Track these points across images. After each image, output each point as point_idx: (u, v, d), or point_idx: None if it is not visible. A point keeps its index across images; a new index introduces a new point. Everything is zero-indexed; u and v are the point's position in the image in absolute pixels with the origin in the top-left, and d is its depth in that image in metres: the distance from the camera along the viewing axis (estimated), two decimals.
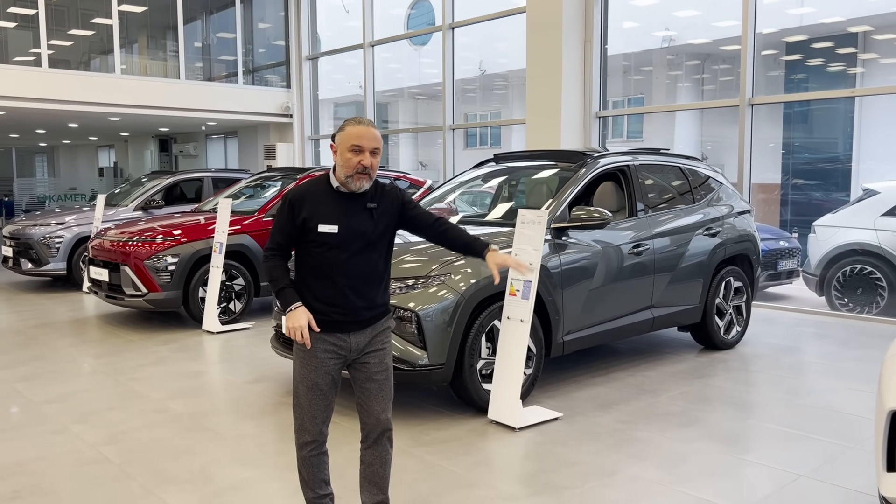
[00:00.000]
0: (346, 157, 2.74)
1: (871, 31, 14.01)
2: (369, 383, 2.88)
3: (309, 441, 2.87)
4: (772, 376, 5.50)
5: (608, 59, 12.35)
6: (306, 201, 2.77)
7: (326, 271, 2.78)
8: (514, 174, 6.58)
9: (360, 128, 2.75)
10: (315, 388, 2.83)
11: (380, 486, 2.95)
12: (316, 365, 2.81)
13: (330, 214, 2.77)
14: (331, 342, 2.81)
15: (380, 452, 2.92)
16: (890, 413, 2.51)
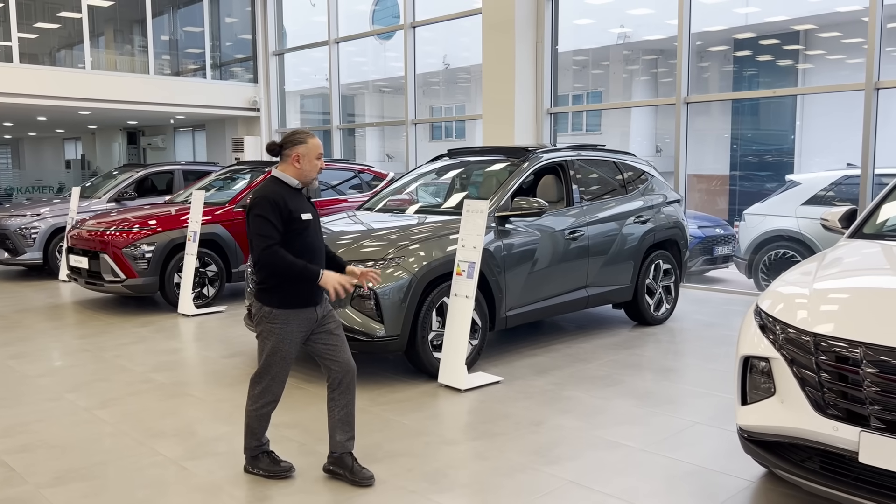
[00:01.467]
0: (314, 164, 3.51)
1: (813, 29, 14.85)
2: (332, 337, 3.54)
3: (271, 401, 3.58)
4: (693, 347, 6.22)
5: (567, 56, 12.97)
6: (283, 197, 3.39)
7: (307, 253, 3.43)
8: (467, 167, 7.20)
9: (317, 140, 3.54)
10: (287, 359, 3.49)
11: (351, 423, 3.60)
12: (291, 339, 3.46)
13: (301, 206, 3.45)
14: (305, 317, 3.47)
15: (350, 395, 3.58)
16: (742, 358, 3.19)
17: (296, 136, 3.51)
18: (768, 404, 3.02)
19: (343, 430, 3.59)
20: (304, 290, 3.44)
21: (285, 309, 3.42)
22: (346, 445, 3.61)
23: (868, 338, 2.70)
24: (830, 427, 2.74)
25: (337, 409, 3.58)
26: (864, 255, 3.55)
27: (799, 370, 2.88)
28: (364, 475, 3.57)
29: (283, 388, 3.59)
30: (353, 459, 3.61)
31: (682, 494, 3.45)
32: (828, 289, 3.14)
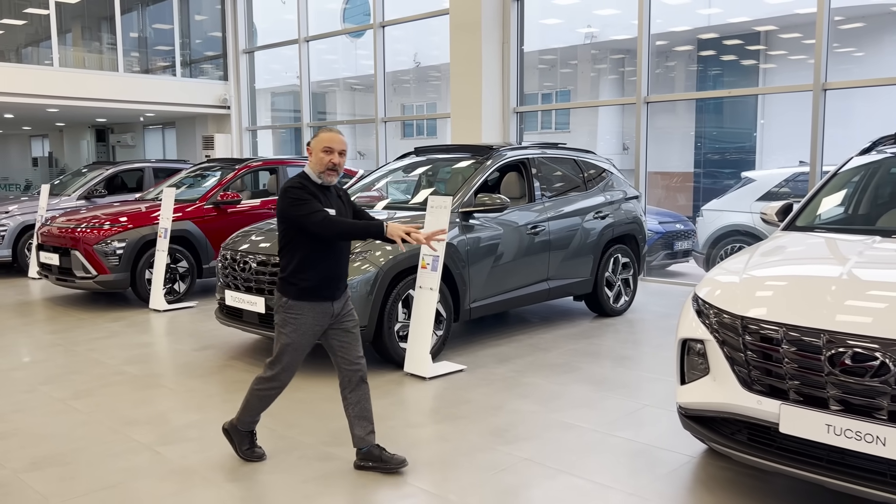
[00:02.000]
0: (320, 157, 3.47)
1: (774, 30, 15.29)
2: (348, 336, 3.62)
3: (277, 387, 3.66)
4: (649, 336, 6.51)
5: (535, 55, 13.21)
6: (309, 189, 3.44)
7: (326, 249, 3.47)
8: (434, 165, 7.42)
9: (331, 134, 3.52)
10: (300, 350, 3.55)
11: (369, 418, 3.68)
12: (306, 331, 3.50)
13: (327, 202, 3.48)
14: (321, 311, 3.52)
15: (364, 391, 3.66)
16: (680, 341, 3.45)
17: (317, 131, 3.58)
18: (703, 383, 3.28)
19: (361, 425, 3.66)
20: (323, 285, 3.47)
21: (302, 301, 3.48)
22: (368, 440, 3.67)
23: (787, 319, 2.96)
24: (755, 401, 3.00)
25: (351, 406, 3.67)
26: (793, 246, 3.83)
27: (729, 351, 3.14)
28: (396, 460, 3.64)
29: (292, 377, 3.66)
30: (381, 449, 3.66)
31: (627, 469, 3.70)
32: (757, 276, 3.41)
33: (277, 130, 17.55)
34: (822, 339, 2.84)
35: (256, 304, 5.53)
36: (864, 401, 2.74)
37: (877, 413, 2.71)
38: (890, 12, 13.89)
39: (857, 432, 2.72)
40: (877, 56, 14.39)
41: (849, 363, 2.76)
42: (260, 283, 5.56)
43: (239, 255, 5.79)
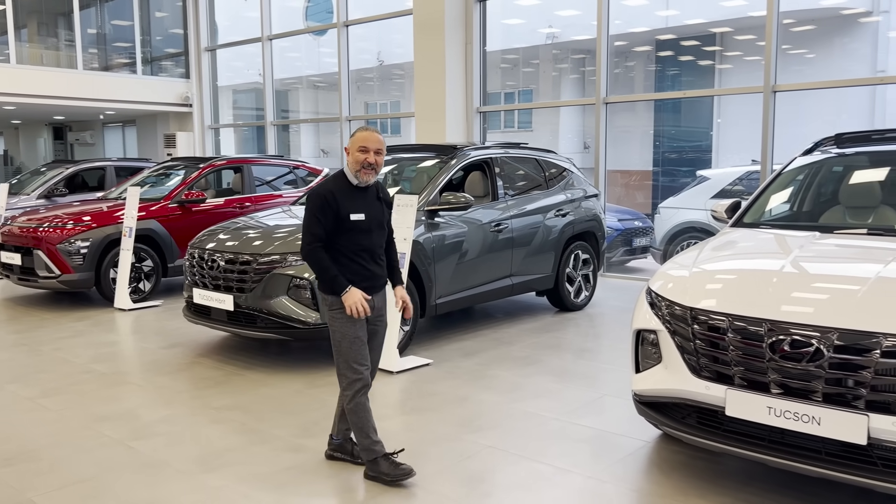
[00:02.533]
0: (357, 156, 3.47)
1: (730, 31, 15.71)
2: (374, 339, 3.68)
3: (361, 386, 3.51)
4: (608, 330, 6.74)
5: (497, 55, 13.35)
6: (336, 196, 3.44)
7: (357, 255, 3.49)
8: (399, 164, 7.55)
9: (366, 133, 3.50)
10: (357, 340, 3.50)
11: None
12: (356, 322, 3.47)
13: (354, 205, 3.47)
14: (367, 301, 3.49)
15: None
16: (635, 331, 3.65)
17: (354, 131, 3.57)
18: (656, 371, 3.48)
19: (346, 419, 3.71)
20: (361, 280, 3.50)
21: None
22: (346, 433, 3.79)
23: (732, 310, 3.18)
24: (703, 387, 3.21)
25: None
26: (740, 242, 4.07)
27: (680, 340, 3.35)
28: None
29: (367, 370, 3.55)
30: (353, 444, 3.76)
31: (586, 454, 3.89)
32: (705, 270, 3.63)
33: (240, 129, 17.48)
34: (764, 327, 3.06)
35: (225, 301, 5.61)
36: (801, 384, 2.96)
37: (812, 395, 2.93)
38: (839, 15, 14.41)
39: (795, 413, 2.94)
40: (827, 58, 14.90)
41: (788, 350, 2.98)
42: (228, 280, 5.64)
43: (207, 254, 5.86)
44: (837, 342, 2.89)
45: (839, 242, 3.87)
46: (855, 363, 2.85)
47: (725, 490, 3.45)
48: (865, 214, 4.26)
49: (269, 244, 5.66)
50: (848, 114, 13.95)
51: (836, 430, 2.86)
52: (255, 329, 5.57)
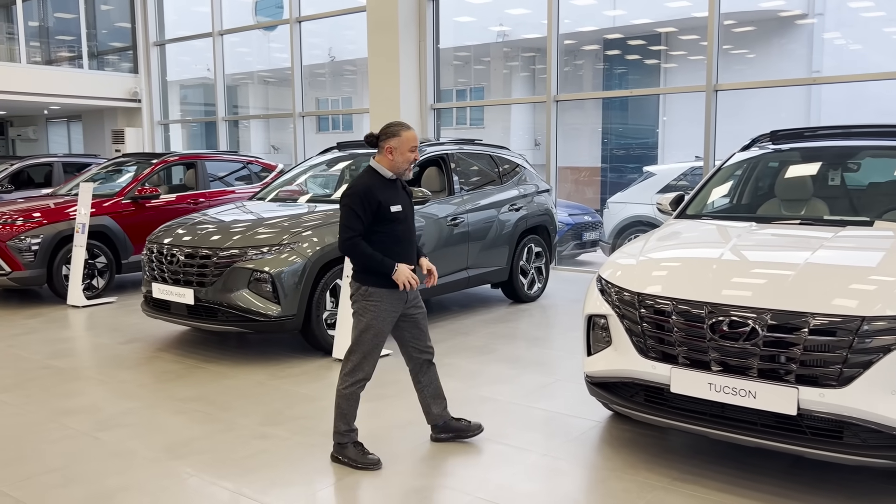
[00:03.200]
0: (407, 156, 3.63)
1: (675, 31, 16.18)
2: (417, 329, 3.83)
3: (361, 378, 3.70)
4: (560, 319, 6.99)
5: (450, 52, 13.49)
6: (374, 191, 3.57)
7: (397, 241, 3.64)
8: (356, 160, 7.66)
9: (412, 133, 3.66)
10: (381, 335, 3.66)
11: (443, 395, 3.97)
12: (385, 317, 3.63)
13: (392, 197, 3.63)
14: (397, 297, 3.67)
15: (434, 372, 3.93)
16: (587, 316, 3.87)
17: (391, 129, 3.65)
18: (606, 353, 3.71)
19: (438, 403, 3.94)
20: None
21: (382, 288, 3.61)
22: (445, 414, 3.97)
23: (676, 294, 3.42)
24: (650, 366, 3.44)
25: (426, 388, 3.93)
26: (683, 232, 4.33)
27: (628, 324, 3.57)
28: (473, 426, 3.99)
29: (374, 368, 3.72)
30: (457, 420, 4.00)
31: (542, 435, 4.10)
32: (652, 258, 3.87)
33: (188, 125, 17.28)
34: (705, 310, 3.30)
35: (185, 295, 5.65)
36: (738, 361, 3.21)
37: (748, 371, 3.19)
38: (777, 17, 15.00)
39: (733, 388, 3.19)
40: (766, 58, 15.49)
41: (726, 330, 3.23)
42: (188, 275, 5.69)
43: (166, 249, 5.89)
44: (771, 322, 3.14)
45: (774, 232, 4.15)
46: (786, 341, 3.11)
47: (672, 462, 3.70)
48: (798, 206, 4.57)
49: (228, 238, 5.73)
50: (787, 112, 14.50)
51: (770, 403, 3.12)
52: (216, 322, 5.64)
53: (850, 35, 14.83)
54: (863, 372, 2.99)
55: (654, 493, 3.39)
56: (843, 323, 3.04)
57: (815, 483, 3.44)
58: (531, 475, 3.62)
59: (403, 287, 3.60)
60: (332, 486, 3.53)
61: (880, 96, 12.52)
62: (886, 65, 13.36)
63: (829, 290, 3.21)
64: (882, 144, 4.83)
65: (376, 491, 3.49)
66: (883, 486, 3.40)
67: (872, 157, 4.86)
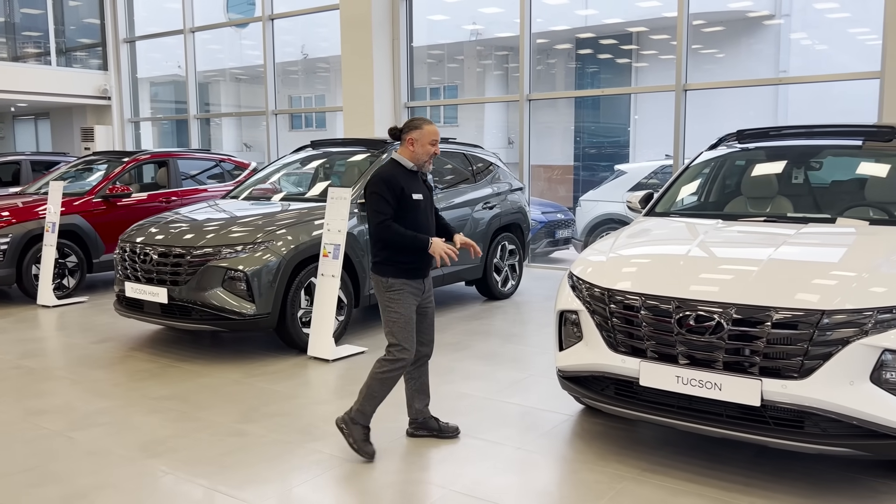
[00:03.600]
0: (427, 148, 3.77)
1: (645, 31, 16.37)
2: (425, 320, 3.94)
3: (401, 366, 3.76)
4: (534, 316, 7.08)
5: (423, 50, 13.49)
6: (398, 178, 3.70)
7: (418, 230, 3.73)
8: (329, 158, 7.68)
9: (433, 127, 3.80)
10: (410, 322, 3.77)
11: (427, 392, 4.07)
12: (409, 304, 3.76)
13: (414, 187, 3.76)
14: (415, 286, 3.79)
15: (425, 369, 4.03)
16: (558, 312, 3.95)
17: (413, 122, 3.81)
18: (578, 348, 3.79)
19: (420, 398, 4.03)
20: (415, 263, 3.76)
21: (401, 278, 3.74)
22: (425, 412, 4.05)
23: (644, 290, 3.51)
24: (620, 360, 3.52)
25: (413, 380, 4.01)
26: (652, 230, 4.43)
27: (599, 319, 3.66)
28: (450, 428, 4.04)
29: (412, 355, 3.80)
30: (436, 420, 4.06)
31: (515, 429, 4.18)
32: (621, 255, 3.96)
33: (159, 122, 17.10)
34: (672, 305, 3.40)
35: (159, 294, 5.64)
36: (704, 355, 3.31)
37: (714, 364, 3.29)
38: (745, 18, 15.25)
39: (700, 381, 3.29)
40: (735, 57, 15.74)
41: (693, 324, 3.32)
42: (162, 274, 5.67)
43: (139, 247, 5.87)
44: (735, 316, 3.24)
45: (740, 229, 4.27)
46: (750, 334, 3.22)
47: (641, 454, 3.79)
48: (764, 204, 4.69)
49: (202, 237, 5.72)
50: (755, 110, 14.74)
51: (735, 394, 3.22)
52: (190, 321, 5.63)
53: (815, 36, 15.12)
54: (823, 364, 3.10)
55: (624, 483, 3.48)
56: (804, 316, 3.15)
57: (779, 472, 3.55)
58: (505, 469, 3.69)
59: (442, 259, 3.69)
60: (308, 482, 3.57)
61: (845, 96, 12.79)
62: (851, 65, 13.65)
63: (791, 285, 3.32)
64: (843, 144, 4.98)
65: (352, 486, 3.53)
66: (843, 474, 3.53)
67: (834, 157, 5.01)
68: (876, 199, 4.42)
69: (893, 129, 4.71)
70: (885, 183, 4.54)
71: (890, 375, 3.09)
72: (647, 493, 3.38)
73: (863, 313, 3.12)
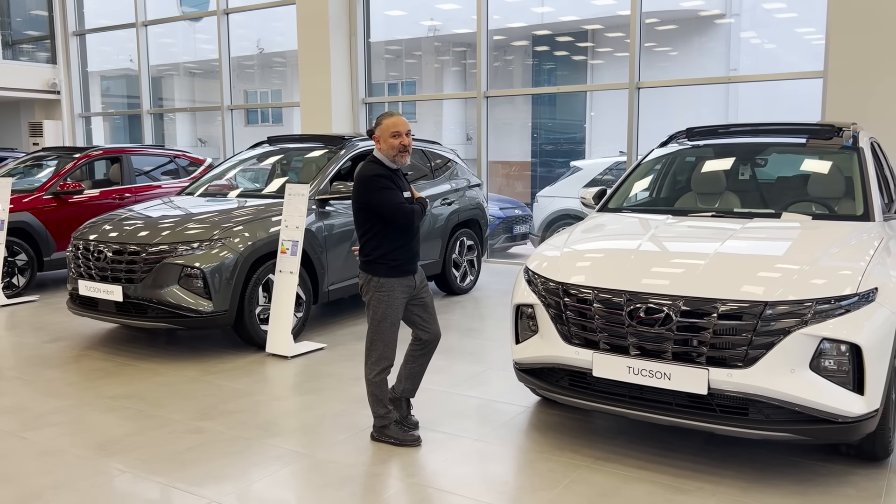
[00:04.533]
0: (391, 142, 3.67)
1: (601, 29, 16.59)
2: (426, 312, 3.95)
3: (387, 366, 3.82)
4: (492, 311, 7.17)
5: (381, 45, 13.43)
6: (388, 176, 3.67)
7: (405, 230, 3.73)
8: (287, 154, 7.65)
9: (392, 119, 3.70)
10: (395, 323, 3.79)
11: (418, 378, 4.07)
12: (397, 304, 3.76)
13: (401, 185, 3.74)
14: (406, 284, 3.79)
15: (427, 357, 4.02)
16: (514, 306, 4.03)
17: (377, 119, 3.75)
18: (533, 341, 3.88)
19: (410, 380, 4.04)
20: (408, 261, 3.80)
21: (390, 277, 3.73)
22: (406, 392, 4.07)
23: (597, 283, 3.61)
24: (574, 352, 3.62)
25: (412, 363, 4.02)
26: (604, 225, 4.55)
27: (553, 312, 3.75)
28: (412, 421, 4.06)
29: (395, 352, 3.84)
30: (409, 407, 4.09)
31: (473, 421, 4.25)
32: (575, 250, 4.06)
33: (111, 117, 16.75)
34: (623, 298, 3.50)
35: (113, 292, 5.56)
36: (654, 346, 3.42)
37: (664, 355, 3.40)
38: (697, 16, 15.57)
39: (650, 371, 3.40)
40: (688, 55, 16.07)
41: (643, 316, 3.43)
42: (117, 271, 5.60)
43: (93, 245, 5.78)
44: (683, 308, 3.36)
45: (689, 224, 4.41)
46: (698, 325, 3.34)
47: (595, 443, 3.90)
48: (713, 199, 4.84)
49: (157, 234, 5.66)
50: (708, 107, 15.05)
51: (683, 384, 3.34)
52: (146, 319, 5.58)
53: (765, 35, 15.52)
54: (766, 353, 3.24)
55: (579, 472, 3.58)
56: (748, 308, 3.28)
57: (726, 458, 3.69)
58: (463, 459, 3.76)
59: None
60: (269, 478, 3.58)
61: (794, 94, 13.17)
62: (799, 64, 14.04)
63: (736, 278, 3.45)
64: (786, 141, 5.16)
65: (312, 480, 3.56)
66: (786, 459, 3.68)
67: (778, 154, 5.20)
68: (818, 195, 4.60)
69: (834, 128, 4.91)
70: (826, 179, 4.73)
71: (828, 363, 3.25)
72: (601, 481, 3.48)
73: (803, 304, 3.27)
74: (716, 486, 3.42)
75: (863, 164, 4.50)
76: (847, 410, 3.22)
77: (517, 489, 3.47)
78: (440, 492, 3.43)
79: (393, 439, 3.89)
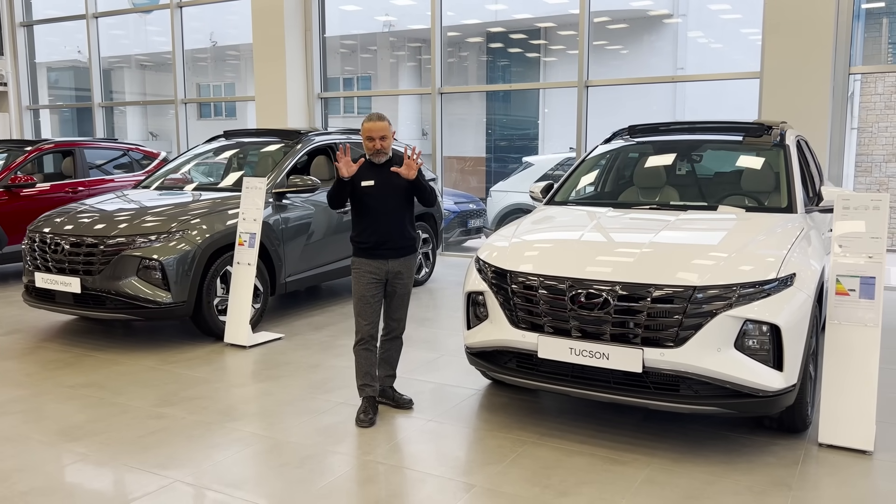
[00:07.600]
0: (367, 144, 4.17)
1: (553, 27, 16.91)
2: (395, 299, 4.28)
3: (361, 339, 4.17)
4: (447, 302, 7.39)
5: (336, 40, 13.47)
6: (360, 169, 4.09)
7: (369, 215, 4.15)
8: (243, 148, 7.74)
9: (367, 125, 4.16)
10: (364, 299, 4.14)
11: (392, 365, 4.41)
12: (366, 282, 4.15)
13: (366, 175, 4.13)
14: (375, 266, 4.15)
15: (395, 345, 4.39)
16: (466, 293, 4.25)
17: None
18: (484, 326, 4.10)
19: (384, 368, 4.37)
20: (375, 245, 4.14)
21: (360, 257, 4.19)
22: (385, 381, 4.38)
23: (543, 271, 3.85)
24: (521, 335, 3.86)
25: (381, 349, 4.35)
26: (551, 217, 4.80)
27: (502, 299, 3.98)
28: (403, 399, 4.39)
29: (373, 329, 4.17)
30: (394, 391, 4.41)
31: (427, 403, 4.47)
32: (523, 240, 4.30)
33: (59, 110, 16.46)
34: (566, 284, 3.75)
35: (71, 284, 5.62)
36: (594, 328, 3.67)
37: (602, 336, 3.66)
38: (646, 16, 16.01)
39: (590, 351, 3.66)
40: (637, 54, 16.49)
41: (584, 301, 3.68)
42: (74, 263, 5.65)
43: (50, 237, 5.81)
44: (621, 292, 3.63)
45: (630, 216, 4.68)
46: (633, 309, 3.61)
47: (540, 421, 4.15)
48: (654, 193, 5.13)
49: (115, 226, 5.73)
50: (657, 105, 15.48)
51: (620, 363, 3.61)
52: (104, 310, 5.64)
53: (711, 35, 16.03)
54: (694, 333, 3.52)
55: (525, 447, 3.82)
56: (679, 292, 3.56)
57: (661, 433, 3.98)
58: (418, 438, 3.98)
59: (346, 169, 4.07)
60: (230, 458, 3.74)
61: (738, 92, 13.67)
62: (744, 64, 14.56)
63: (669, 265, 3.73)
64: (720, 139, 5.49)
65: (272, 460, 3.73)
66: (714, 432, 3.98)
67: (713, 150, 5.52)
68: (750, 189, 4.93)
69: (764, 126, 5.25)
70: (757, 175, 5.06)
71: (751, 342, 3.55)
72: (545, 455, 3.73)
73: (729, 288, 3.56)
74: (650, 457, 3.70)
75: (788, 160, 4.84)
76: (768, 385, 3.52)
77: (467, 463, 3.69)
78: (395, 467, 3.63)
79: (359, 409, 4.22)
